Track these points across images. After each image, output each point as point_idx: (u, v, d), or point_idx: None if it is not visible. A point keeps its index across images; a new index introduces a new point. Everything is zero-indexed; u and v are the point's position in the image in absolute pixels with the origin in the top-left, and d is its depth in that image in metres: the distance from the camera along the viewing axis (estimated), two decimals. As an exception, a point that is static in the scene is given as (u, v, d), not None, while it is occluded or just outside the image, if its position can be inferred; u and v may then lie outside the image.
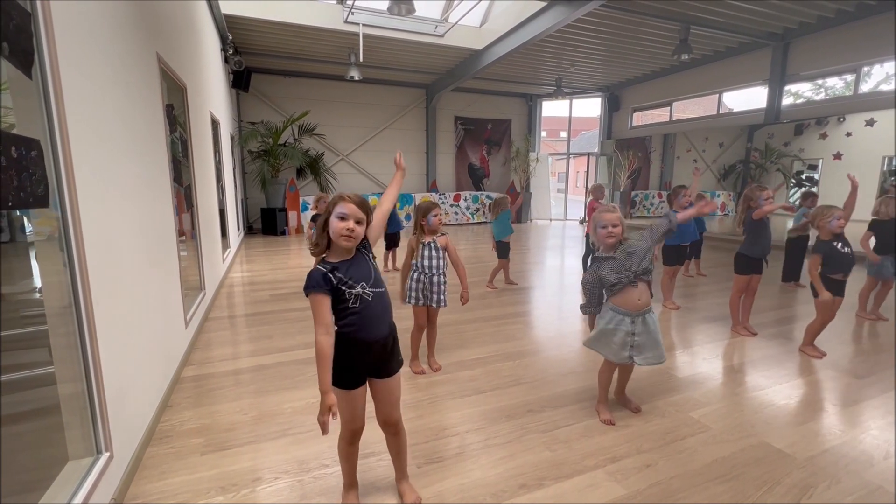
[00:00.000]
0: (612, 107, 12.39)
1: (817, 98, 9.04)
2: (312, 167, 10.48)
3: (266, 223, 10.01)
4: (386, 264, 6.39)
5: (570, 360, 3.22)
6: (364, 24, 7.81)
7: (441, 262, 2.96)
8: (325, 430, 1.50)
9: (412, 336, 3.04)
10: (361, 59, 8.14)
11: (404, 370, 2.99)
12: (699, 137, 11.95)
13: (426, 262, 2.89)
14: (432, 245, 2.93)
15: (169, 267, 2.98)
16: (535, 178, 13.09)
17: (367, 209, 1.63)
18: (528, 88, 12.55)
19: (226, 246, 6.56)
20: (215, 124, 6.25)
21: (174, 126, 3.37)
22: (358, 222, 1.59)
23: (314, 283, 1.57)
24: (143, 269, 2.41)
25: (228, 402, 2.62)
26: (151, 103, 2.79)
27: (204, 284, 4.19)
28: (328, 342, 1.56)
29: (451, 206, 12.17)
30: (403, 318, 3.56)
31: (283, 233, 9.95)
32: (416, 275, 2.90)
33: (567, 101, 13.25)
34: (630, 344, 2.30)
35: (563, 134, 32.31)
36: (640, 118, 12.31)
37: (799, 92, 9.08)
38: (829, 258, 3.21)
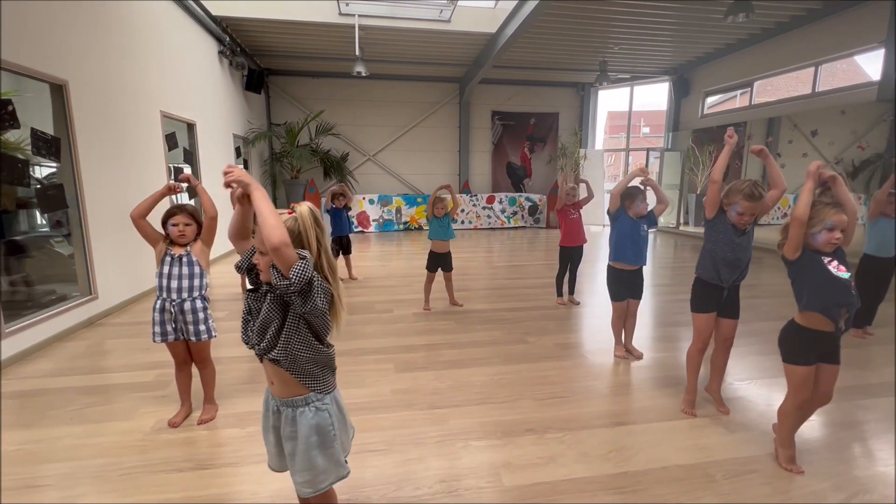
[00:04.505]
0: (681, 92, 10.32)
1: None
2: (336, 168, 10.36)
3: (287, 223, 10.13)
4: (351, 273, 5.80)
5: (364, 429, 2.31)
6: (360, 15, 7.35)
7: (199, 282, 2.28)
8: None
9: (176, 378, 2.40)
10: (357, 53, 7.67)
11: (162, 419, 2.39)
12: (800, 122, 9.31)
13: (173, 284, 2.23)
14: (184, 259, 2.25)
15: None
16: (585, 177, 11.46)
17: None
18: (579, 76, 11.03)
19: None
20: (190, 126, 6.28)
21: (6, 123, 3.17)
22: None
23: None
24: None
25: (-62, 436, 2.26)
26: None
27: (95, 288, 4.03)
28: None
29: (484, 208, 11.20)
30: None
31: (302, 233, 9.97)
32: (158, 302, 2.26)
33: (633, 90, 11.43)
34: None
35: (646, 130, 28.64)
36: (718, 103, 10.05)
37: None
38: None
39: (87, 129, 3.97)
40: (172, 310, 2.23)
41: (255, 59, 9.19)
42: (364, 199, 10.55)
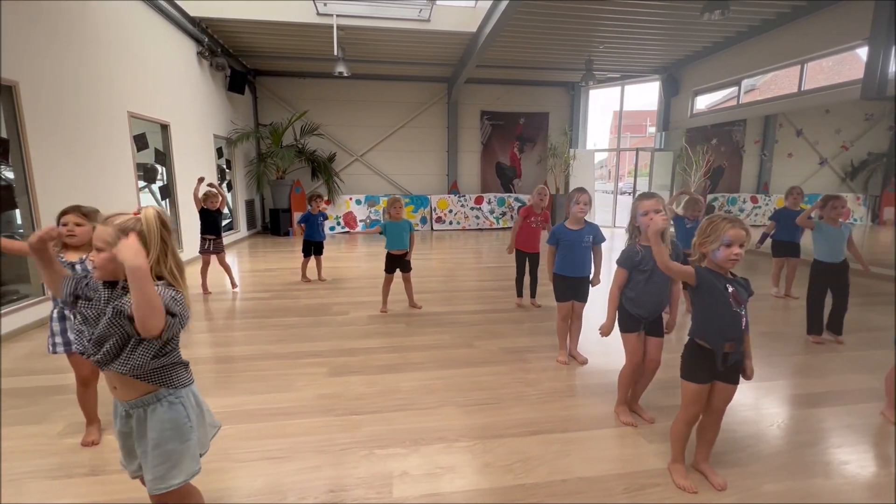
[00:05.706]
0: (670, 91, 10.16)
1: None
2: (323, 168, 10.35)
3: (273, 224, 10.16)
4: (320, 275, 5.75)
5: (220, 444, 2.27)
6: (338, 15, 7.33)
7: None
8: None
9: (80, 396, 2.21)
10: (336, 53, 7.65)
11: (73, 423, 2.36)
12: (788, 121, 9.10)
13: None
14: (77, 268, 2.06)
15: None
16: (574, 178, 11.37)
17: None
18: (569, 76, 10.89)
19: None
20: (164, 126, 6.30)
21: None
22: None
23: None
24: None
25: None
26: None
27: (47, 288, 4.03)
28: None
29: (472, 209, 11.14)
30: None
31: (287, 233, 9.99)
32: (55, 310, 2.19)
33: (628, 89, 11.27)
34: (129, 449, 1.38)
35: (652, 129, 28.44)
36: (709, 100, 9.86)
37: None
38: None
39: (40, 130, 3.97)
40: (73, 316, 2.19)
41: (240, 60, 9.22)
42: (351, 199, 10.54)
